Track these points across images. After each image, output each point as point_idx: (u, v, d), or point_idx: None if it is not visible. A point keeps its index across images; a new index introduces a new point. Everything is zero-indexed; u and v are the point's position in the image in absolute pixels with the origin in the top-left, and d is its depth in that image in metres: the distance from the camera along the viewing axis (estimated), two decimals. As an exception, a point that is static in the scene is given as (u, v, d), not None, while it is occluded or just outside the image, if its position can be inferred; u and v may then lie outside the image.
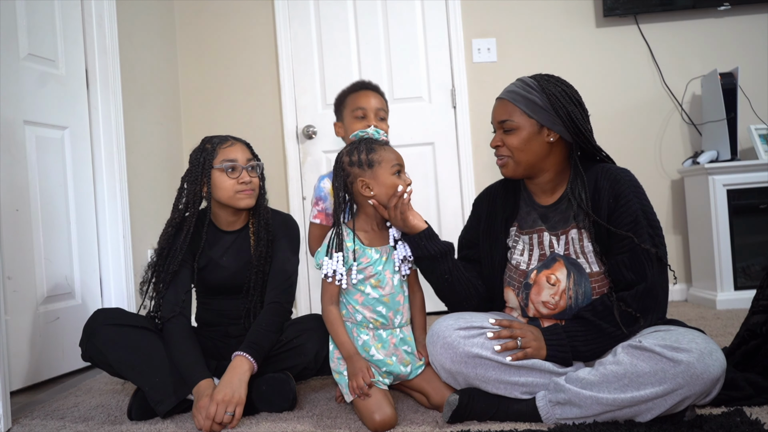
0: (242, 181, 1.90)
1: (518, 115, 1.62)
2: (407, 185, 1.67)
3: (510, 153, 1.64)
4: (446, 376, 1.60)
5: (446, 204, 3.44)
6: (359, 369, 1.60)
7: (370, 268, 1.69)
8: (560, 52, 3.46)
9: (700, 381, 1.36)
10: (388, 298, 1.70)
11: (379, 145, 1.71)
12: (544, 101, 1.60)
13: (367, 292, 1.69)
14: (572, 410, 1.46)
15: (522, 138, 1.62)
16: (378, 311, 1.69)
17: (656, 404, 1.39)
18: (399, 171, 1.69)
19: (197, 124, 3.52)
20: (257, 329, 1.81)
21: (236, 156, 1.91)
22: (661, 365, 1.37)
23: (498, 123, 1.65)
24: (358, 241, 1.70)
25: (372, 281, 1.69)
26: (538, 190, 1.71)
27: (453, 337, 1.55)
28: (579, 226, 1.61)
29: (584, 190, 1.61)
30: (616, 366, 1.42)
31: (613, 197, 1.58)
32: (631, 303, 1.52)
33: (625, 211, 1.56)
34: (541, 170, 1.66)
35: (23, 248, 2.31)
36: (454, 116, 3.48)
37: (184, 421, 1.75)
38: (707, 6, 3.35)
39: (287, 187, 3.49)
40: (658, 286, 1.54)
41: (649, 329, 1.54)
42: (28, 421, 1.86)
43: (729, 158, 3.06)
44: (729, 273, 3.00)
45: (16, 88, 2.34)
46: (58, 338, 2.43)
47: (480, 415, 1.54)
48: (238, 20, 3.55)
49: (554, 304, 1.60)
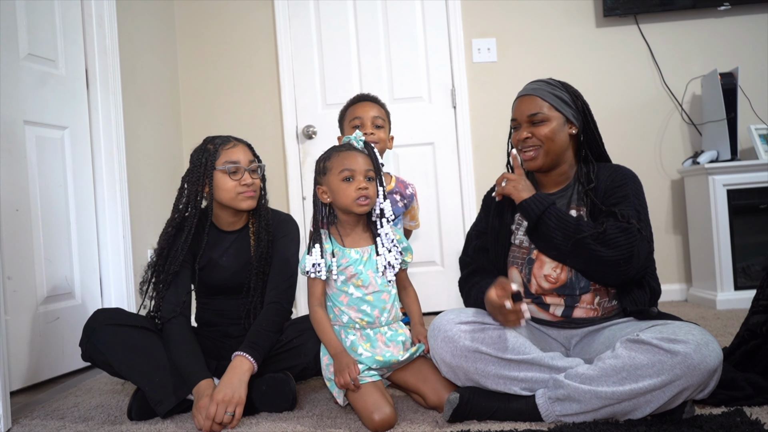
0: (244, 183, 1.90)
1: (547, 108, 1.70)
2: (364, 189, 1.67)
3: (540, 143, 1.70)
4: (446, 371, 1.61)
5: (446, 204, 3.44)
6: (345, 365, 1.61)
7: (351, 268, 1.71)
8: (560, 52, 3.46)
9: (698, 372, 1.37)
10: (372, 297, 1.71)
11: (346, 150, 1.72)
12: (567, 98, 1.73)
13: (351, 292, 1.71)
14: (572, 406, 1.46)
15: (552, 128, 1.69)
16: (363, 310, 1.71)
17: (655, 396, 1.40)
18: (349, 177, 1.68)
19: (197, 124, 3.52)
20: (257, 329, 1.81)
21: (239, 157, 1.91)
22: (658, 357, 1.39)
23: (527, 117, 1.71)
24: (336, 243, 1.74)
25: (354, 281, 1.71)
26: (549, 182, 1.77)
27: (454, 331, 1.57)
28: (579, 208, 1.69)
29: (593, 176, 1.71)
30: (615, 360, 1.43)
31: (611, 181, 1.69)
32: (617, 227, 1.56)
33: (618, 190, 1.66)
34: (560, 162, 1.74)
35: (23, 248, 2.31)
36: (454, 116, 3.48)
37: (184, 421, 1.75)
38: (707, 6, 3.35)
39: (287, 187, 3.49)
40: (641, 237, 1.56)
41: (646, 323, 1.55)
42: (28, 421, 1.85)
43: (729, 158, 3.06)
44: (729, 273, 3.00)
45: (16, 88, 2.34)
46: (58, 338, 2.43)
47: (480, 414, 1.55)
48: (238, 20, 3.55)
49: (555, 277, 1.65)
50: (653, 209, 3.36)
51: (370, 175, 1.71)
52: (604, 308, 1.66)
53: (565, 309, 1.67)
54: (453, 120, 3.48)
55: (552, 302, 1.67)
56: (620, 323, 1.64)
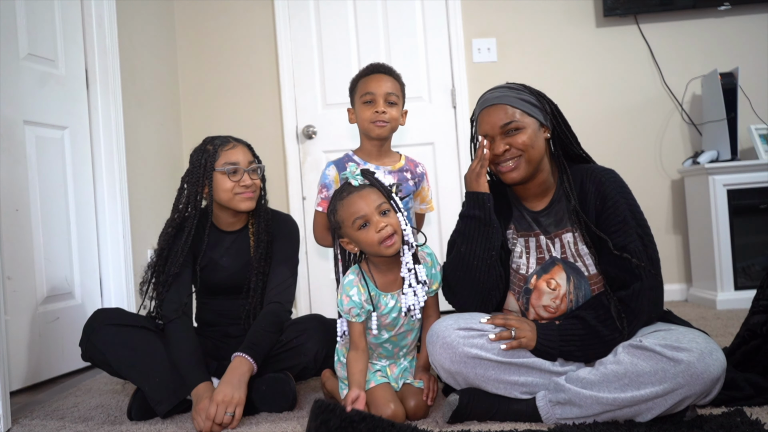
0: (243, 184, 1.90)
1: (519, 114, 1.61)
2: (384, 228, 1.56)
3: (521, 152, 1.60)
4: (446, 376, 1.59)
5: (446, 204, 3.44)
6: (349, 399, 1.57)
7: (386, 316, 1.65)
8: (560, 52, 3.46)
9: (701, 380, 1.36)
10: (396, 338, 1.69)
11: (348, 195, 1.60)
12: (534, 100, 1.64)
13: (383, 336, 1.68)
14: (572, 410, 1.46)
15: (529, 135, 1.60)
16: (384, 347, 1.70)
17: (656, 404, 1.39)
18: (364, 224, 1.57)
19: (197, 124, 3.51)
20: (257, 329, 1.81)
21: (238, 158, 1.91)
22: (661, 365, 1.38)
23: (500, 128, 1.61)
24: (373, 286, 1.64)
25: (387, 327, 1.67)
26: (529, 195, 1.69)
27: (452, 337, 1.54)
28: (573, 229, 1.62)
29: (572, 188, 1.62)
30: (617, 365, 1.42)
31: (600, 199, 1.59)
32: (629, 302, 1.51)
33: (612, 213, 1.57)
34: (539, 170, 1.65)
35: (23, 248, 2.31)
36: (454, 116, 3.48)
37: (184, 421, 1.75)
38: (707, 6, 3.35)
39: (287, 187, 3.49)
40: (653, 283, 1.54)
41: (649, 328, 1.54)
42: (28, 421, 1.85)
43: (729, 158, 3.06)
44: (729, 273, 3.00)
45: (16, 88, 2.34)
46: (58, 338, 2.43)
47: (480, 415, 1.54)
48: (238, 20, 3.55)
49: (555, 308, 1.60)
50: (653, 209, 3.37)
51: (384, 209, 1.59)
52: None
53: None
54: (453, 120, 3.48)
55: None
56: None
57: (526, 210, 1.70)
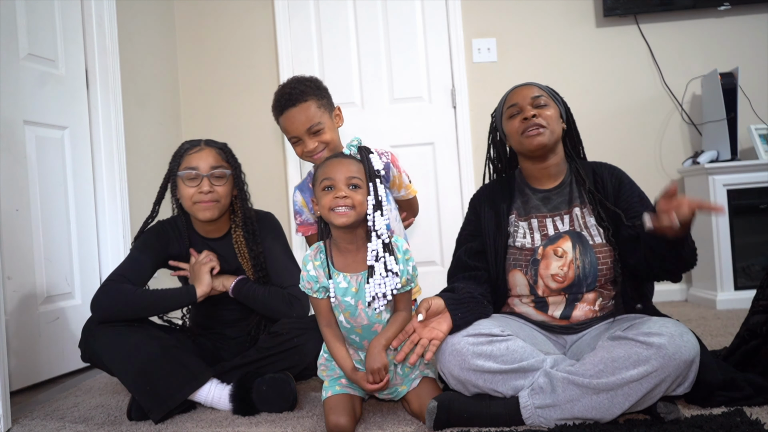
0: (201, 191, 1.83)
1: (547, 96, 1.75)
2: (342, 198, 1.52)
3: (546, 123, 1.70)
4: (455, 384, 1.57)
5: (446, 204, 3.44)
6: (357, 382, 1.56)
7: (339, 298, 1.58)
8: (560, 52, 3.46)
9: (674, 362, 1.39)
10: (360, 329, 1.61)
11: (334, 157, 1.60)
12: (558, 97, 1.79)
13: (340, 320, 1.62)
14: (550, 397, 1.45)
15: (554, 113, 1.73)
16: (353, 339, 1.64)
17: (633, 389, 1.40)
18: (329, 186, 1.53)
19: (197, 124, 3.52)
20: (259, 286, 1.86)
21: (197, 164, 1.84)
22: (635, 349, 1.41)
23: (531, 99, 1.72)
24: (329, 263, 1.60)
25: (343, 312, 1.60)
26: (543, 175, 1.77)
27: (462, 344, 1.54)
28: (582, 205, 1.71)
29: (585, 173, 1.76)
30: (593, 356, 1.46)
31: (616, 179, 1.75)
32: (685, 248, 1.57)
33: (630, 191, 1.73)
34: (555, 152, 1.75)
35: (23, 248, 2.31)
36: (454, 116, 3.48)
37: (185, 421, 1.74)
38: (707, 6, 3.35)
39: (287, 187, 3.49)
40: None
41: (627, 323, 1.56)
42: (28, 421, 1.85)
43: (729, 158, 3.06)
44: (729, 273, 3.00)
45: (16, 88, 2.34)
46: (58, 338, 2.43)
47: (461, 420, 1.52)
48: (238, 20, 3.55)
49: (563, 275, 1.64)
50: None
51: (356, 182, 1.53)
52: (602, 309, 1.67)
53: (565, 309, 1.66)
54: (453, 120, 3.48)
55: (553, 301, 1.67)
56: (604, 324, 1.66)
57: (536, 191, 1.78)
